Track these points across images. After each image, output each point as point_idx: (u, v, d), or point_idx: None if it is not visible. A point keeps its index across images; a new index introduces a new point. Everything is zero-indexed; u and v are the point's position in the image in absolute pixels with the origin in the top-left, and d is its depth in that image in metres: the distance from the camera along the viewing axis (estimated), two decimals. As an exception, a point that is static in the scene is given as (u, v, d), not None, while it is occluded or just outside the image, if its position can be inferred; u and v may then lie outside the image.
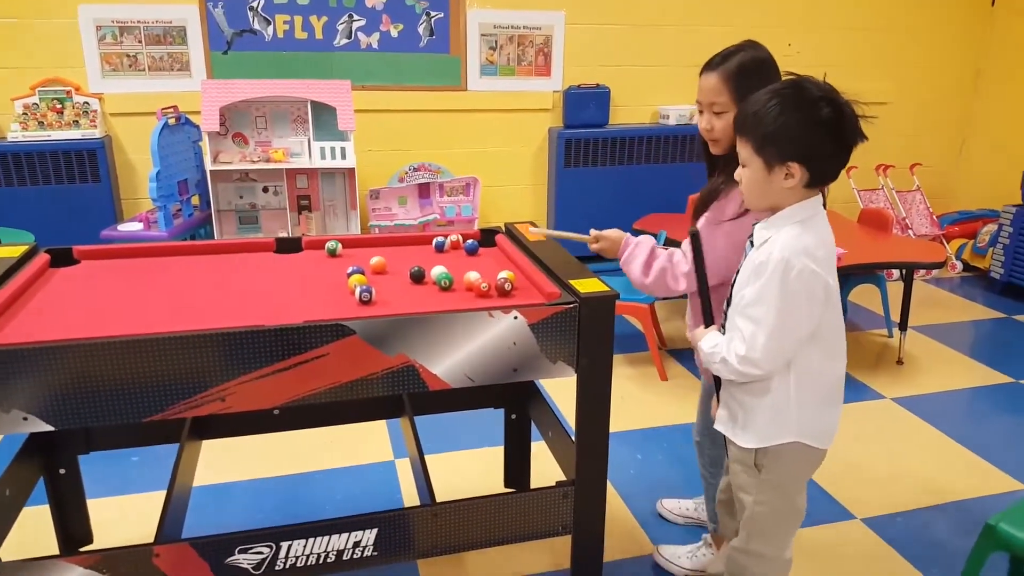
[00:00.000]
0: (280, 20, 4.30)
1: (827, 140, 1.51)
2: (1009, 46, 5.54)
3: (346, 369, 1.70)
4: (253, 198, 4.21)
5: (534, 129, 4.84)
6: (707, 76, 1.88)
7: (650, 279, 1.98)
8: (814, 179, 1.56)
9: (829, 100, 1.51)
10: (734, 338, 1.62)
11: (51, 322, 1.70)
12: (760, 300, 1.56)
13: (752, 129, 1.56)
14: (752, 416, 1.70)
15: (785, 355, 1.61)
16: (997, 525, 2.01)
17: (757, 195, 1.62)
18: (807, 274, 1.53)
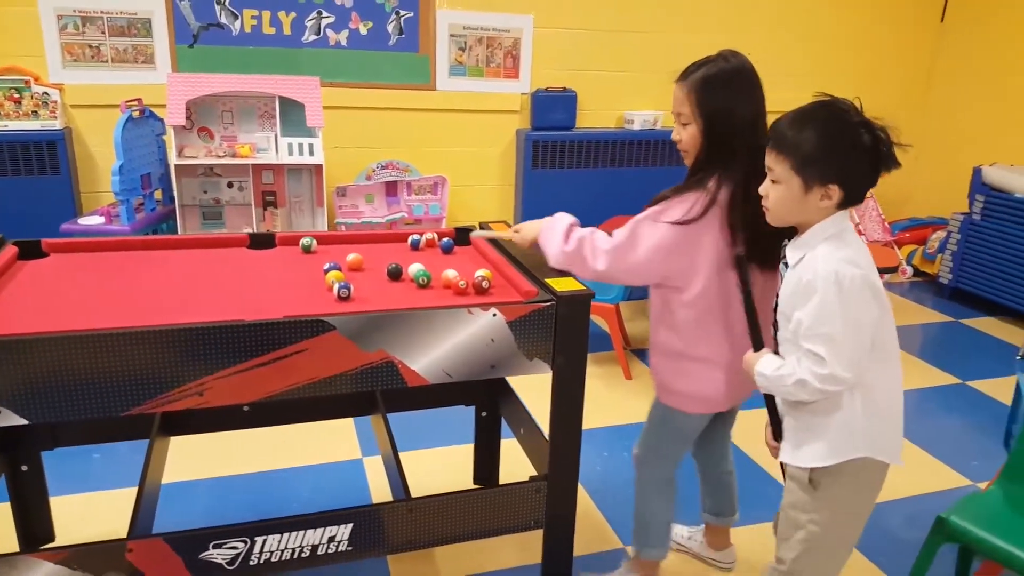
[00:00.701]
0: (248, 15, 4.26)
1: (867, 164, 1.56)
2: (957, 60, 5.74)
3: (325, 364, 1.71)
4: (217, 193, 4.16)
5: (502, 130, 4.87)
6: (677, 86, 1.89)
7: (570, 246, 1.94)
8: (847, 200, 1.59)
9: (866, 125, 1.55)
10: (803, 360, 1.59)
11: (25, 315, 1.68)
12: (823, 317, 1.55)
13: (792, 148, 1.57)
14: (817, 434, 1.68)
15: (862, 363, 1.59)
16: (948, 518, 2.11)
17: (787, 211, 1.64)
18: (858, 280, 1.55)
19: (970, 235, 5.01)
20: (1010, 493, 2.21)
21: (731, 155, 1.83)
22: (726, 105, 1.82)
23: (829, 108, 1.58)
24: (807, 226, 1.63)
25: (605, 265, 1.91)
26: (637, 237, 1.88)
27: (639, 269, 1.90)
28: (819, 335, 1.56)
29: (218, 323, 1.62)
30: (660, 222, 1.85)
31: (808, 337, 1.57)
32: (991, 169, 4.89)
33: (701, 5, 5.03)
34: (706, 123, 1.84)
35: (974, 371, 4.06)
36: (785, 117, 1.61)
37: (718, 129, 1.84)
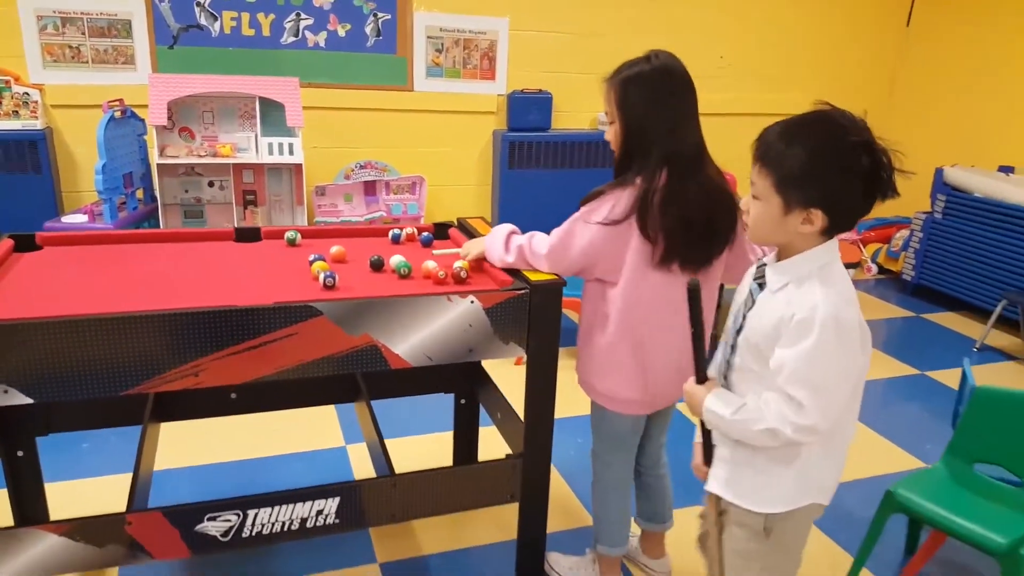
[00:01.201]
0: (227, 16, 4.34)
1: (858, 192, 1.38)
2: (921, 63, 5.95)
3: (313, 348, 1.82)
4: (199, 192, 4.24)
5: (479, 131, 4.99)
6: (605, 85, 1.95)
7: (511, 255, 2.03)
8: (832, 227, 1.43)
9: (867, 148, 1.36)
10: (775, 403, 1.44)
11: (27, 301, 1.77)
12: (815, 363, 1.39)
13: (774, 164, 1.41)
14: (773, 480, 1.55)
15: (840, 413, 1.47)
16: (895, 491, 2.29)
17: (766, 231, 1.48)
18: (855, 327, 1.43)
19: (932, 233, 5.20)
20: (953, 468, 2.38)
21: (647, 155, 1.85)
22: (644, 106, 1.85)
23: (826, 122, 1.40)
24: (792, 250, 1.48)
25: (546, 267, 2.00)
26: (571, 238, 1.95)
27: (577, 268, 1.98)
28: (804, 382, 1.40)
29: (213, 308, 1.72)
30: (590, 222, 1.91)
31: (791, 382, 1.41)
32: (952, 170, 5.09)
33: (671, 10, 5.18)
34: (625, 123, 1.89)
35: (933, 362, 4.25)
36: (776, 126, 1.44)
37: (636, 129, 1.87)
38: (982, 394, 2.30)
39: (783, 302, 1.45)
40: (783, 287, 1.47)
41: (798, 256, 1.46)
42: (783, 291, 1.47)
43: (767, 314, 1.47)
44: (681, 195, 1.85)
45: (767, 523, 1.58)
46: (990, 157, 5.32)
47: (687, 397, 1.62)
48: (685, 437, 1.90)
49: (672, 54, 1.93)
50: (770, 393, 1.45)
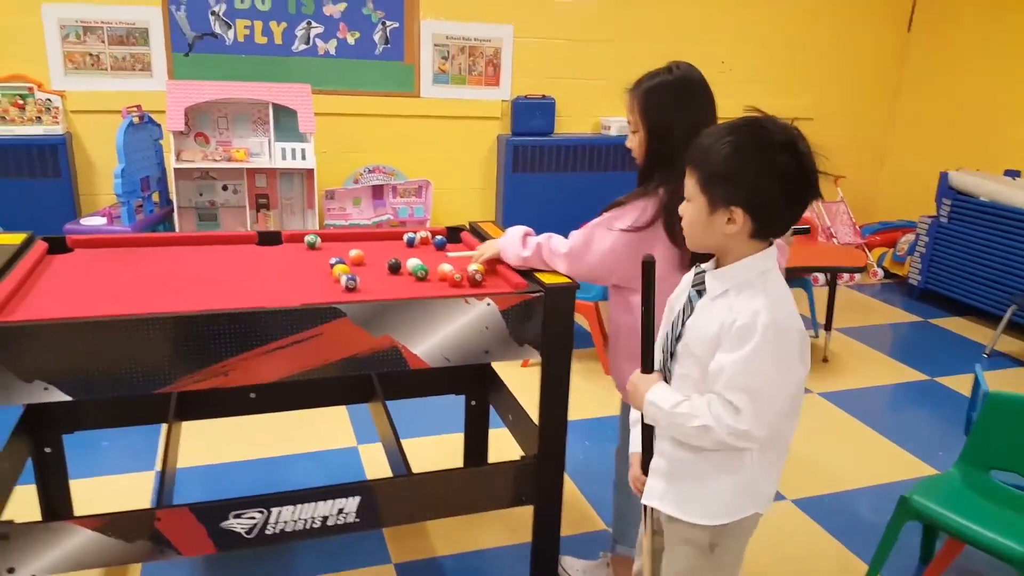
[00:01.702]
0: (241, 25, 4.43)
1: (777, 192, 1.39)
2: (923, 68, 6.01)
3: (337, 348, 1.90)
4: (212, 195, 4.32)
5: (483, 136, 5.07)
6: (627, 95, 2.00)
7: (527, 251, 2.08)
8: (759, 230, 1.43)
9: (789, 148, 1.38)
10: (718, 408, 1.43)
11: (65, 301, 1.86)
12: (752, 369, 1.39)
13: (700, 163, 1.45)
14: (716, 488, 1.53)
15: (779, 422, 1.47)
16: (910, 497, 2.28)
17: (697, 234, 1.51)
18: (796, 336, 1.43)
19: (938, 238, 5.20)
20: (967, 474, 2.38)
21: (671, 164, 1.88)
22: (667, 115, 1.91)
23: (751, 124, 1.43)
24: (728, 255, 1.48)
25: (564, 267, 2.05)
26: (591, 241, 2.01)
27: (594, 272, 2.03)
28: (742, 387, 1.40)
29: (242, 310, 1.80)
30: (613, 228, 1.97)
31: (729, 387, 1.41)
32: (957, 174, 5.10)
33: (672, 16, 5.26)
34: (648, 131, 1.95)
35: (942, 368, 4.25)
36: (708, 130, 1.48)
37: (659, 138, 1.93)
38: (995, 400, 2.31)
39: (724, 308, 1.45)
40: (723, 293, 1.47)
41: (737, 263, 1.47)
42: (723, 298, 1.47)
43: (707, 321, 1.47)
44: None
45: (712, 537, 1.56)
46: (995, 161, 5.34)
47: (630, 388, 1.60)
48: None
49: (692, 65, 1.98)
50: (711, 395, 1.45)
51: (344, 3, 4.56)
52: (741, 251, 1.46)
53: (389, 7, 4.65)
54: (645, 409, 1.55)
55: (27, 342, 1.66)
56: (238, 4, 4.38)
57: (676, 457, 1.56)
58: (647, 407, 1.54)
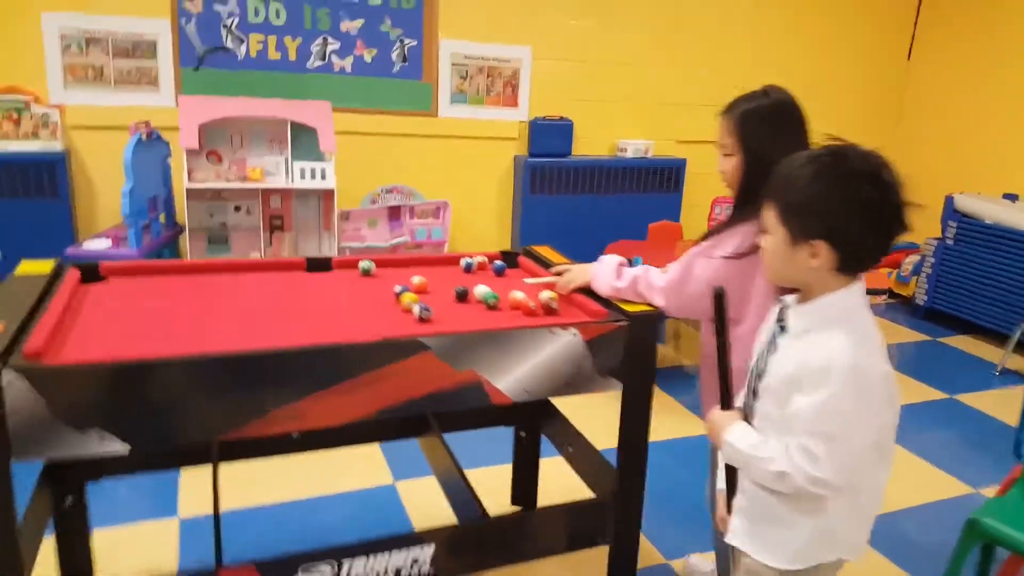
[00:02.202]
0: (254, 39, 4.27)
1: (863, 224, 1.32)
2: (924, 94, 6.05)
3: (418, 384, 1.75)
4: (224, 217, 4.14)
5: (501, 156, 4.96)
6: (721, 118, 1.93)
7: (623, 282, 1.99)
8: (844, 263, 1.36)
9: (873, 178, 1.31)
10: (795, 454, 1.36)
11: (115, 338, 1.68)
12: (830, 414, 1.32)
13: (779, 194, 1.39)
14: (794, 533, 1.46)
15: (860, 469, 1.40)
16: (981, 520, 2.21)
17: (779, 269, 1.44)
18: (881, 378, 1.35)
19: (944, 258, 5.26)
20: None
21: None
22: (766, 139, 1.86)
23: (832, 153, 1.36)
24: (812, 290, 1.42)
25: (662, 301, 1.95)
26: (691, 272, 1.92)
27: (694, 304, 1.92)
28: (820, 432, 1.33)
29: (318, 346, 1.65)
30: (713, 257, 1.89)
31: (807, 432, 1.34)
32: (962, 197, 5.15)
33: (688, 41, 5.22)
34: (747, 156, 1.89)
35: (959, 386, 4.27)
36: (787, 160, 1.42)
37: (758, 162, 1.86)
38: None
39: (803, 348, 1.39)
40: (805, 332, 1.41)
41: (821, 299, 1.40)
42: (805, 336, 1.41)
43: (788, 360, 1.42)
44: None
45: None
46: (994, 185, 5.40)
47: (709, 425, 1.55)
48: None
49: (785, 89, 1.93)
50: (791, 438, 1.38)
51: (361, 19, 4.43)
52: (825, 286, 1.40)
53: (408, 25, 4.53)
54: (723, 449, 1.50)
55: (81, 386, 1.49)
56: (251, 18, 4.23)
57: (756, 496, 1.50)
58: (725, 447, 1.49)
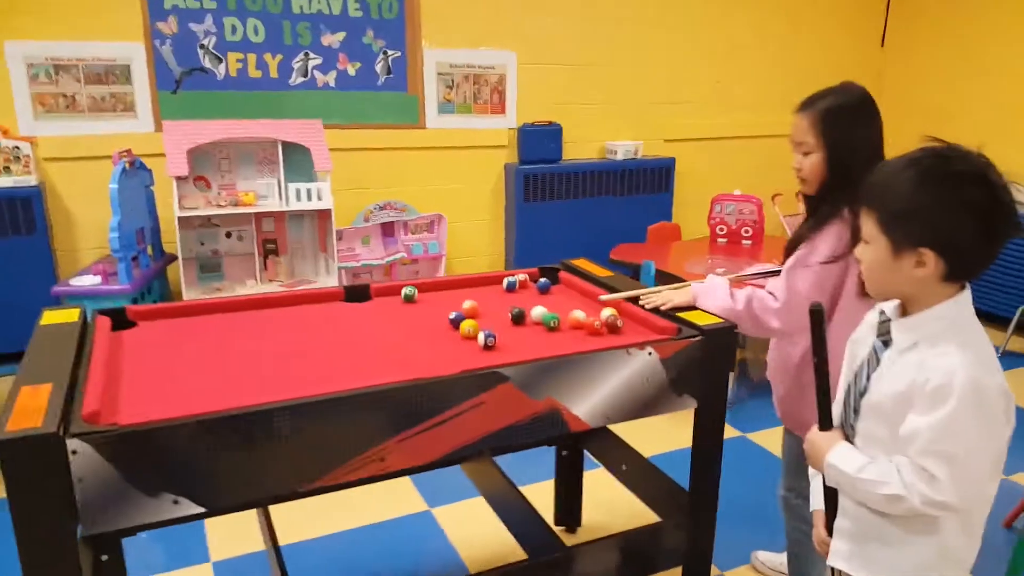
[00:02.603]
0: (233, 58, 4.10)
1: (972, 228, 1.23)
2: (897, 82, 6.10)
3: (498, 417, 1.67)
4: (215, 244, 3.97)
5: (491, 165, 4.85)
6: (799, 115, 1.92)
7: (740, 306, 1.93)
8: (953, 272, 1.28)
9: (980, 179, 1.23)
10: (906, 472, 1.29)
11: (171, 391, 1.56)
12: (952, 434, 1.24)
13: (879, 201, 1.31)
14: (906, 554, 1.38)
15: (981, 489, 1.33)
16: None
17: (880, 281, 1.36)
18: (1000, 394, 1.27)
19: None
20: None
21: (855, 185, 1.84)
22: (850, 135, 1.86)
23: (933, 155, 1.29)
24: (917, 301, 1.33)
25: (779, 323, 1.91)
26: (795, 286, 1.88)
27: (798, 313, 1.85)
28: (939, 454, 1.25)
29: (397, 384, 1.55)
30: (811, 265, 1.86)
31: (925, 453, 1.26)
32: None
33: (668, 39, 5.17)
34: (830, 152, 1.87)
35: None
36: (883, 164, 1.36)
37: (842, 159, 1.86)
38: None
39: (914, 364, 1.30)
40: (912, 346, 1.33)
41: (928, 312, 1.32)
42: (913, 351, 1.32)
43: (896, 377, 1.33)
44: None
45: None
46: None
47: (809, 447, 1.47)
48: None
49: (859, 84, 1.91)
50: (902, 458, 1.30)
51: (343, 32, 4.29)
52: (932, 297, 1.31)
53: (390, 36, 4.40)
54: (826, 472, 1.42)
55: (151, 448, 1.37)
56: (229, 36, 4.06)
57: (862, 517, 1.42)
58: (828, 469, 1.41)
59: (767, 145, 5.69)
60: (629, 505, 2.75)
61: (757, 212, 4.34)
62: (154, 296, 3.80)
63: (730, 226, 4.38)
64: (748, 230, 4.34)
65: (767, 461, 3.27)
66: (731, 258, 4.09)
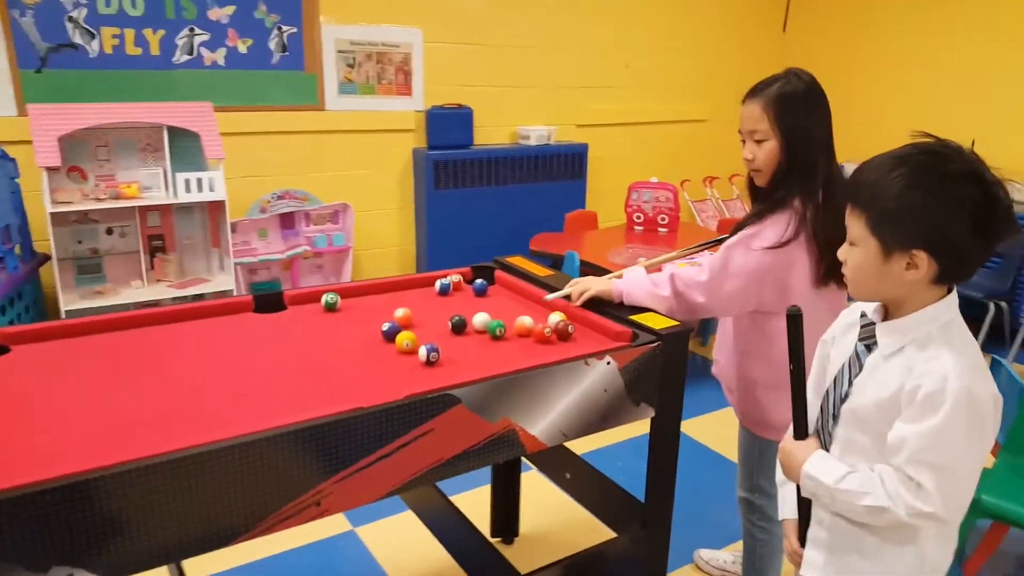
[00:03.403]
0: (108, 33, 3.67)
1: (967, 229, 1.16)
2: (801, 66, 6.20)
3: (450, 444, 1.48)
4: (95, 242, 3.55)
5: (398, 150, 4.59)
6: (748, 104, 1.83)
7: (664, 290, 1.84)
8: (944, 274, 1.21)
9: (975, 177, 1.17)
10: (895, 485, 1.23)
11: (50, 444, 1.28)
12: (943, 442, 1.18)
13: (868, 201, 1.23)
14: (885, 564, 1.33)
15: (967, 499, 1.25)
16: (982, 497, 2.25)
17: (867, 284, 1.28)
18: (992, 402, 1.21)
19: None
20: (1012, 465, 2.40)
21: (811, 172, 1.78)
22: (804, 120, 1.78)
23: (925, 152, 1.21)
24: (905, 304, 1.27)
25: (703, 297, 1.82)
26: (729, 265, 1.80)
27: (736, 297, 1.82)
28: (929, 463, 1.19)
29: (332, 418, 1.33)
30: (753, 248, 1.78)
31: (913, 462, 1.20)
32: (851, 166, 5.28)
33: (580, 22, 5.03)
34: (785, 139, 1.79)
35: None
36: (868, 162, 1.27)
37: (797, 146, 1.78)
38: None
39: (902, 369, 1.24)
40: (899, 351, 1.26)
41: (915, 315, 1.25)
42: (899, 355, 1.26)
43: (882, 383, 1.27)
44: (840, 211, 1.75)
45: None
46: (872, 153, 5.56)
47: (783, 456, 1.39)
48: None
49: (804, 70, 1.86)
50: (884, 467, 1.25)
51: (232, 6, 3.92)
52: (920, 300, 1.25)
53: (285, 10, 4.06)
54: (803, 482, 1.34)
55: (33, 515, 1.11)
56: (102, 8, 3.63)
57: (838, 528, 1.36)
58: (805, 480, 1.33)
59: (678, 131, 5.68)
60: (568, 509, 2.64)
61: (673, 200, 4.29)
62: (25, 302, 3.37)
63: (647, 214, 4.31)
64: (664, 217, 4.28)
65: (698, 453, 3.22)
66: (649, 246, 4.02)
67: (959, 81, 5.11)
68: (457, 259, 2.47)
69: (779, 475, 1.48)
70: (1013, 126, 4.75)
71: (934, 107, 5.25)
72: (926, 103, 5.31)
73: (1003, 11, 4.84)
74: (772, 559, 2.10)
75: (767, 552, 2.09)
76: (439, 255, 4.55)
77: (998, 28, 4.88)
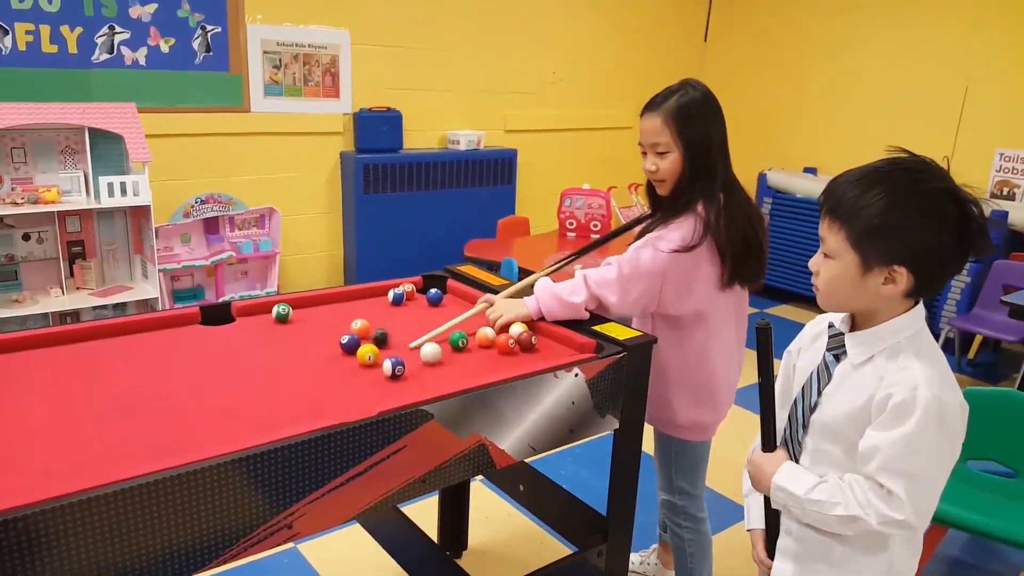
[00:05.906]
0: (21, 29, 3.45)
1: (948, 245, 1.20)
2: (718, 73, 6.37)
3: (421, 461, 1.46)
4: (10, 249, 3.33)
5: (325, 153, 4.49)
6: (648, 117, 1.86)
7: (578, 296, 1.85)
8: (920, 288, 1.25)
9: (952, 194, 1.20)
10: (866, 493, 1.25)
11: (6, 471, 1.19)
12: (913, 450, 1.21)
13: (849, 216, 1.24)
14: (853, 571, 1.35)
15: (934, 506, 1.27)
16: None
17: (840, 296, 1.30)
18: (959, 409, 1.25)
19: (767, 235, 5.56)
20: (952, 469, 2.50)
21: (712, 178, 1.83)
22: (703, 130, 1.84)
23: (904, 169, 1.24)
24: (875, 316, 1.30)
25: (615, 296, 1.85)
26: (638, 265, 1.84)
27: (644, 298, 1.85)
28: (901, 471, 1.21)
29: (309, 435, 1.29)
30: (660, 250, 1.82)
31: (884, 470, 1.22)
32: (772, 174, 5.47)
33: (508, 28, 5.06)
34: (687, 150, 1.83)
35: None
36: (845, 175, 1.28)
37: (699, 154, 1.83)
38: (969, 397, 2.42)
39: (872, 378, 1.27)
40: (868, 360, 1.29)
41: (885, 325, 1.28)
42: (869, 364, 1.29)
43: (852, 392, 1.29)
44: (740, 213, 1.86)
45: None
46: (795, 160, 5.75)
47: (752, 468, 1.41)
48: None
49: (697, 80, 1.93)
50: (854, 476, 1.27)
51: (154, 4, 3.75)
52: (891, 311, 1.29)
53: (209, 9, 3.91)
54: (773, 494, 1.36)
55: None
56: (15, 3, 3.40)
57: (807, 538, 1.37)
58: (775, 492, 1.35)
59: (604, 137, 5.75)
60: (517, 519, 2.63)
61: (605, 206, 4.35)
62: (-74, 314, 3.14)
63: (579, 220, 4.35)
64: (597, 224, 4.33)
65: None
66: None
67: (871, 88, 5.36)
68: (387, 264, 2.44)
69: (746, 485, 1.50)
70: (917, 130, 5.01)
71: (847, 114, 5.49)
72: (839, 110, 5.55)
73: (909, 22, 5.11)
74: (703, 557, 2.15)
75: (698, 551, 2.14)
76: (368, 261, 4.47)
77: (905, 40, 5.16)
